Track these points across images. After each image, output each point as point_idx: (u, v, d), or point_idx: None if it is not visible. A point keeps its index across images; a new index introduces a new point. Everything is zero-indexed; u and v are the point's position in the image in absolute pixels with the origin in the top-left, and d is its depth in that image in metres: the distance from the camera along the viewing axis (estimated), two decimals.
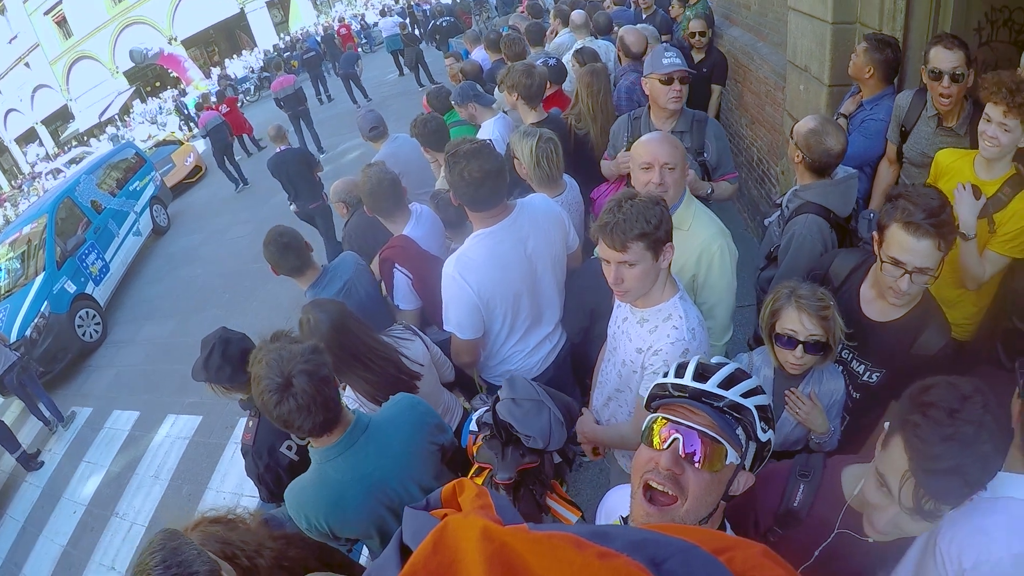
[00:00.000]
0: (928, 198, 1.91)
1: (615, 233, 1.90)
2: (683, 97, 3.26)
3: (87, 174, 11.88)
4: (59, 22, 33.70)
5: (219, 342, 2.64)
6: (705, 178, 3.33)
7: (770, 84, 5.21)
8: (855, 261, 2.35)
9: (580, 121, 4.22)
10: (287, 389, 1.78)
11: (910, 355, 2.13)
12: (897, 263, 1.95)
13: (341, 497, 2.00)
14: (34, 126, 35.26)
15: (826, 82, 3.94)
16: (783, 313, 2.12)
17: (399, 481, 2.06)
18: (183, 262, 11.31)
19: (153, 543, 1.49)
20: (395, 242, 3.31)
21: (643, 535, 0.71)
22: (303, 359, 1.82)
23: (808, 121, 2.64)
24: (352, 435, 2.00)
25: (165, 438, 6.65)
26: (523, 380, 2.12)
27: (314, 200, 7.72)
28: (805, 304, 2.07)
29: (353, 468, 2.00)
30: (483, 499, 0.85)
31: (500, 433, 2.01)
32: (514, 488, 1.99)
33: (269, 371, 1.80)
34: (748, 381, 1.31)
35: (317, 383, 1.81)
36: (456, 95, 4.88)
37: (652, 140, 2.50)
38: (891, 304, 2.13)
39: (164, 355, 8.34)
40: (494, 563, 0.62)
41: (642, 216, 1.89)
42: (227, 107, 15.95)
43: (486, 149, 2.49)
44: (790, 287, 2.15)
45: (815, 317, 2.06)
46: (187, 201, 15.29)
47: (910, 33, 3.38)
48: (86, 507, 6.20)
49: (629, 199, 1.94)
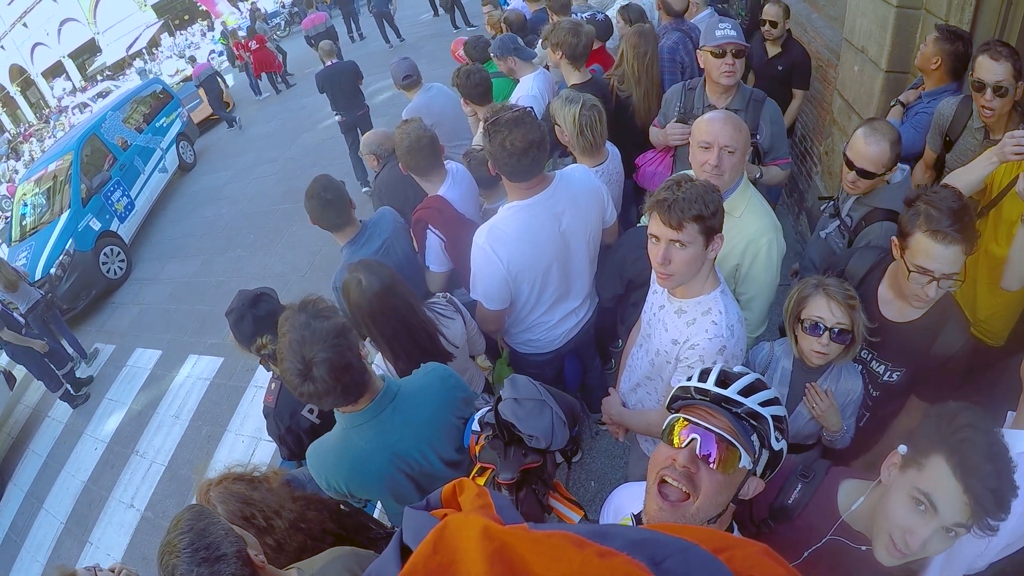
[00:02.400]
0: (950, 201, 1.89)
1: (673, 210, 1.82)
2: (737, 72, 3.05)
3: (113, 110, 11.82)
4: None
5: (247, 306, 2.60)
6: (755, 161, 3.17)
7: (822, 59, 4.92)
8: (871, 261, 2.31)
9: (623, 83, 4.02)
10: (307, 374, 1.76)
11: (931, 355, 2.12)
12: (924, 271, 1.91)
13: (363, 463, 2.01)
14: (61, 60, 35.16)
15: (883, 67, 3.70)
16: (810, 301, 2.10)
17: (420, 452, 2.06)
18: (208, 201, 11.32)
19: (180, 523, 1.48)
20: (430, 203, 3.19)
21: (643, 534, 0.71)
22: (325, 344, 1.76)
23: (859, 135, 2.54)
24: (380, 404, 1.98)
25: (187, 378, 6.73)
26: (525, 380, 2.10)
27: (360, 108, 8.52)
28: (834, 292, 2.06)
29: (378, 436, 1.99)
30: (483, 499, 0.84)
31: (503, 433, 2.00)
32: (516, 488, 1.99)
33: (291, 353, 1.77)
34: (767, 392, 1.36)
35: (338, 372, 1.78)
36: (496, 47, 4.65)
37: (715, 119, 2.33)
38: (912, 306, 2.11)
39: (187, 294, 8.40)
40: (494, 562, 0.62)
41: (701, 199, 1.82)
42: (256, 44, 15.77)
43: (528, 118, 2.37)
44: (817, 279, 2.13)
45: (843, 305, 2.04)
46: (214, 137, 15.25)
47: (977, 28, 3.13)
48: (107, 444, 6.35)
49: (688, 180, 1.88)
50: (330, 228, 3.11)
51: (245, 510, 1.93)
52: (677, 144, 3.29)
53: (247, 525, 1.91)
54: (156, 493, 5.44)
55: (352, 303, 2.37)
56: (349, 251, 3.11)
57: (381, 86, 10.95)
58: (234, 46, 16.84)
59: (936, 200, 1.89)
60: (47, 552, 5.43)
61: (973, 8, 3.10)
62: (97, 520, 5.46)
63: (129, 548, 5.02)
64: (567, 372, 3.44)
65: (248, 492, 2.00)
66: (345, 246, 3.14)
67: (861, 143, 2.49)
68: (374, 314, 2.35)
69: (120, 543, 5.12)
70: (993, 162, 2.35)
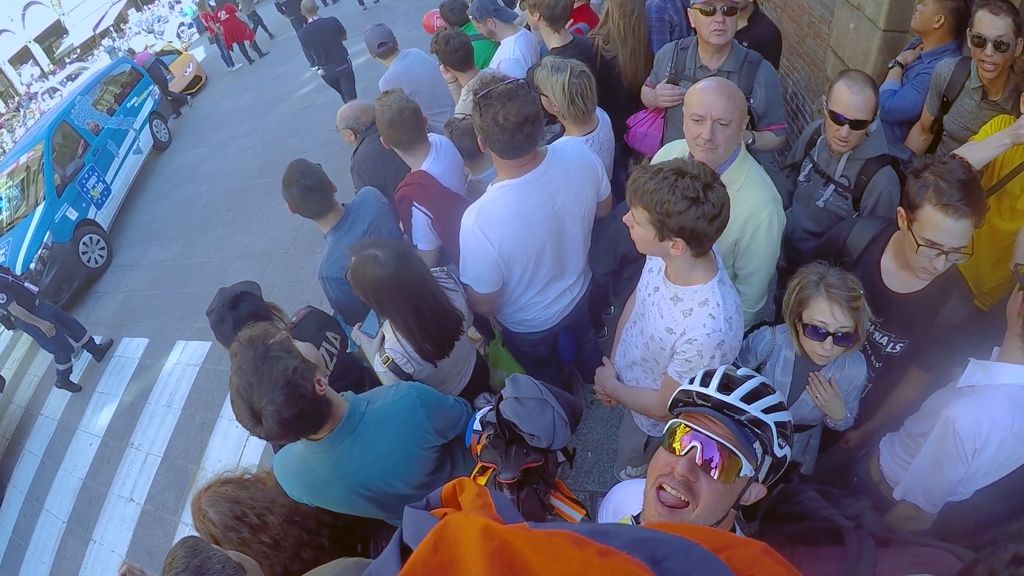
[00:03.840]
0: (959, 173, 1.85)
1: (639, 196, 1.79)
2: (728, 30, 2.90)
3: (82, 95, 11.41)
4: None
5: (227, 308, 2.52)
6: (749, 126, 3.03)
7: (814, 15, 4.73)
8: (874, 230, 2.28)
9: (609, 43, 3.84)
10: (257, 422, 1.69)
11: (935, 326, 2.11)
12: (934, 244, 1.89)
13: (322, 487, 1.99)
14: (27, 45, 34.04)
15: (881, 25, 3.55)
16: (812, 303, 2.02)
17: (384, 481, 2.02)
18: (186, 179, 11.07)
19: (175, 561, 1.45)
20: (414, 178, 3.05)
21: (643, 533, 0.72)
22: (274, 393, 1.67)
23: (842, 87, 2.49)
24: (339, 435, 1.92)
25: (175, 365, 6.63)
26: (527, 379, 2.08)
27: (341, 64, 8.90)
28: (836, 295, 1.97)
29: (336, 466, 1.95)
30: (483, 498, 0.84)
31: (504, 432, 2.01)
32: (518, 487, 2.00)
33: (239, 398, 1.69)
34: (770, 397, 1.33)
35: (287, 422, 1.70)
36: (474, 9, 4.45)
37: (708, 89, 2.19)
38: (918, 277, 2.09)
39: (170, 278, 8.25)
40: (494, 561, 0.61)
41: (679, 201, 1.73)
42: (226, 14, 15.50)
43: (523, 91, 2.24)
44: (819, 273, 2.04)
45: (846, 308, 1.97)
46: (187, 112, 14.91)
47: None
48: (102, 438, 6.27)
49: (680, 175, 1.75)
50: (312, 216, 2.95)
51: (236, 509, 1.92)
52: (667, 106, 3.17)
53: (240, 524, 1.91)
54: (155, 485, 5.37)
55: (370, 280, 2.25)
56: (334, 237, 2.97)
57: (355, 51, 10.71)
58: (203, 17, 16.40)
59: (945, 172, 1.85)
60: (52, 553, 5.38)
61: None
62: (98, 517, 5.41)
63: (132, 543, 4.99)
64: (561, 347, 3.36)
65: (237, 492, 1.98)
66: (329, 232, 2.99)
67: (848, 94, 2.45)
68: (395, 288, 2.25)
69: (123, 539, 5.07)
70: (1005, 143, 2.29)
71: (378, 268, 2.22)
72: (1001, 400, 1.74)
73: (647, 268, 2.18)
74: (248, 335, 1.77)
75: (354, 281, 2.30)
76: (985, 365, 1.84)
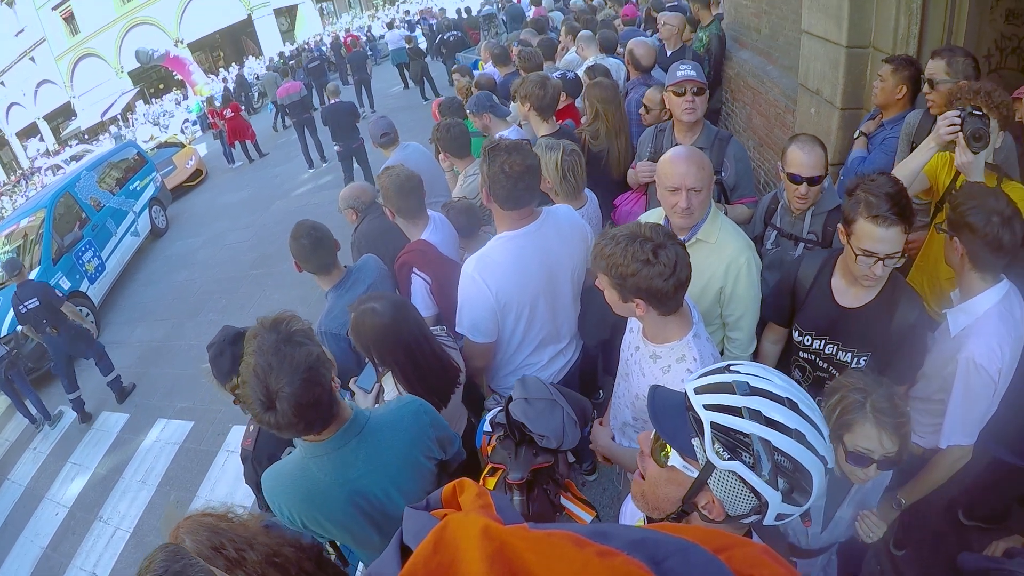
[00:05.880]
0: (886, 186, 2.06)
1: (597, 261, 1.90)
2: (698, 108, 3.25)
3: (88, 170, 11.75)
4: (67, 18, 33.99)
5: (228, 343, 2.52)
6: (721, 198, 3.31)
7: (780, 107, 5.20)
8: (820, 260, 2.48)
9: (596, 139, 4.17)
10: (270, 406, 1.65)
11: (890, 333, 2.26)
12: (870, 253, 2.09)
13: (319, 496, 1.91)
14: (36, 121, 35.36)
15: (838, 105, 3.97)
16: (858, 427, 1.86)
17: (384, 490, 1.96)
18: (180, 265, 11.18)
19: (154, 564, 1.36)
20: (414, 246, 3.23)
21: (643, 534, 0.71)
22: (294, 376, 1.64)
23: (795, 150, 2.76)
24: (345, 436, 1.88)
25: (155, 442, 6.50)
26: (536, 380, 2.11)
27: (355, 140, 10.42)
28: (886, 422, 1.83)
29: (338, 470, 1.89)
30: (483, 499, 0.84)
31: (514, 433, 2.01)
32: (528, 488, 1.98)
33: (255, 379, 1.64)
34: (728, 396, 1.16)
35: (303, 408, 1.67)
36: (472, 104, 4.84)
37: (679, 161, 2.41)
38: (864, 288, 2.27)
39: (157, 358, 8.20)
40: (494, 562, 0.62)
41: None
42: (231, 112, 15.97)
43: (525, 145, 2.49)
44: (863, 390, 1.89)
45: (895, 435, 1.83)
46: (186, 204, 15.18)
47: (921, 59, 3.42)
48: (69, 509, 6.04)
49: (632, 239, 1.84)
50: (317, 270, 3.10)
51: (214, 539, 1.77)
52: (646, 181, 3.45)
53: (216, 555, 1.75)
54: (120, 561, 5.14)
55: (369, 330, 2.34)
56: (335, 295, 3.10)
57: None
58: (209, 113, 17.03)
59: (873, 187, 2.07)
60: None
61: (917, 41, 3.42)
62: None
63: None
64: None
65: (216, 523, 1.84)
66: (331, 291, 3.13)
67: (801, 155, 2.72)
68: (390, 340, 2.34)
69: None
70: (931, 147, 2.51)
71: (376, 318, 2.33)
72: (994, 320, 2.10)
73: (628, 328, 2.28)
74: (272, 318, 1.73)
75: (354, 334, 2.39)
76: (962, 308, 2.19)
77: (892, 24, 3.56)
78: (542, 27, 9.61)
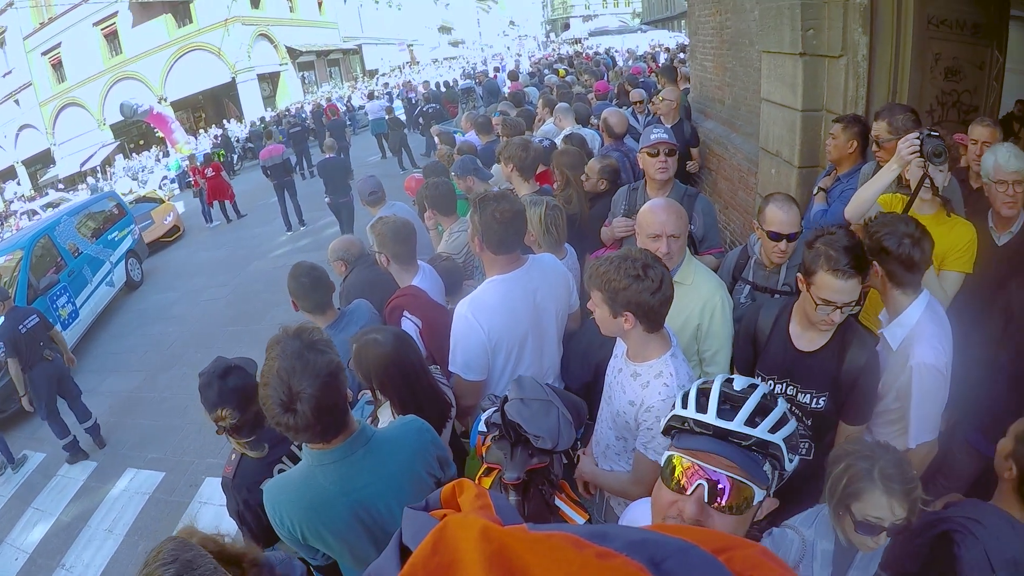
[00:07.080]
0: (844, 240, 2.25)
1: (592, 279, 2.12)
2: (670, 169, 3.60)
3: (68, 216, 11.79)
4: (55, 65, 34.32)
5: (217, 375, 2.56)
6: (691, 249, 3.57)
7: (743, 170, 5.64)
8: (778, 308, 2.66)
9: (570, 203, 4.45)
10: (290, 407, 1.72)
11: (843, 373, 2.42)
12: (828, 302, 2.27)
13: (323, 505, 1.94)
14: (14, 164, 35.04)
15: (796, 164, 4.37)
16: (867, 496, 1.81)
17: (386, 504, 2.00)
18: (154, 319, 11.11)
19: (162, 554, 1.37)
20: (406, 291, 3.44)
21: (642, 535, 0.70)
22: (316, 380, 1.71)
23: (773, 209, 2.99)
24: (352, 445, 1.94)
25: (123, 492, 6.37)
26: (531, 380, 2.15)
27: (345, 196, 11.05)
28: (896, 489, 1.78)
29: (344, 480, 1.94)
30: (483, 499, 0.84)
31: (509, 433, 2.03)
32: (523, 488, 2.01)
33: (278, 380, 1.71)
34: (774, 413, 1.23)
35: (322, 412, 1.74)
36: (457, 167, 5.16)
37: (659, 210, 2.74)
38: (819, 332, 2.45)
39: (127, 408, 8.10)
40: (493, 563, 0.61)
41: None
42: (212, 171, 16.06)
43: (512, 194, 2.77)
44: (869, 457, 1.86)
45: (905, 502, 1.78)
46: (163, 259, 15.14)
47: (869, 118, 3.78)
48: (30, 555, 5.84)
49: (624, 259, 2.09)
50: (314, 308, 3.29)
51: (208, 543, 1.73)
52: (622, 236, 3.75)
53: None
54: None
55: (372, 359, 2.49)
56: (330, 333, 3.21)
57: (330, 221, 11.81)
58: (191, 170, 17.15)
59: (833, 242, 2.25)
60: None
61: (865, 102, 3.83)
62: None
63: None
64: None
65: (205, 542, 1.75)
66: (325, 330, 3.25)
67: (780, 214, 2.96)
68: (391, 369, 2.48)
69: None
70: (893, 169, 2.72)
71: (379, 348, 2.50)
72: (929, 324, 2.34)
73: (613, 354, 2.45)
74: (296, 327, 1.83)
75: (357, 362, 2.55)
76: (897, 322, 2.42)
77: (842, 88, 3.97)
78: (519, 100, 10.26)
